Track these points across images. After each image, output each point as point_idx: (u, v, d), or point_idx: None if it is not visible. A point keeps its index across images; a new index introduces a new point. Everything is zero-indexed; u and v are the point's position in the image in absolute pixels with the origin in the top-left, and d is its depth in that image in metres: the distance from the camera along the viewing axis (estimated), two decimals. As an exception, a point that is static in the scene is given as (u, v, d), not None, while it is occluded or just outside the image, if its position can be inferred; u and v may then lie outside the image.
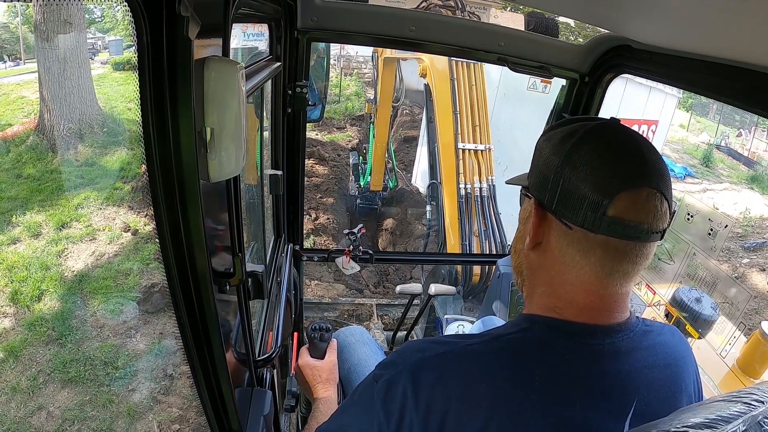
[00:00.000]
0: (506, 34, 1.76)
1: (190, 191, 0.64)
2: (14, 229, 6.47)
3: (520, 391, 0.69)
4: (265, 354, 1.26)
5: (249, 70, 1.17)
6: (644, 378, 0.73)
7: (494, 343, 0.74)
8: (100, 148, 8.46)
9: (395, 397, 0.73)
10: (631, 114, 6.93)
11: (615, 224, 0.68)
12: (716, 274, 3.17)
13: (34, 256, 6.01)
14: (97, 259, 6.06)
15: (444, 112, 4.27)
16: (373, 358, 1.59)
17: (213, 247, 0.76)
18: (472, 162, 4.29)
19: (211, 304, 0.75)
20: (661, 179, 0.70)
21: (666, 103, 7.89)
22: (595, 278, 0.72)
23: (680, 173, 12.80)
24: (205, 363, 0.82)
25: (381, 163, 7.58)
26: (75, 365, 4.50)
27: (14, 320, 5.07)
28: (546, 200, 0.74)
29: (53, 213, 6.78)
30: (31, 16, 11.27)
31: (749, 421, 0.59)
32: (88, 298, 5.40)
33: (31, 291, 5.42)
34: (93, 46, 9.71)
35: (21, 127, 9.13)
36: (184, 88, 0.59)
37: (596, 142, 0.72)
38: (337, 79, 15.86)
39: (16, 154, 8.28)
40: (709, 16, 0.77)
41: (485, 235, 4.22)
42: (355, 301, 5.07)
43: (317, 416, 1.25)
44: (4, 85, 13.76)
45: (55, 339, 4.81)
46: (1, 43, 23.83)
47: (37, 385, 4.29)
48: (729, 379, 2.85)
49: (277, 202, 1.95)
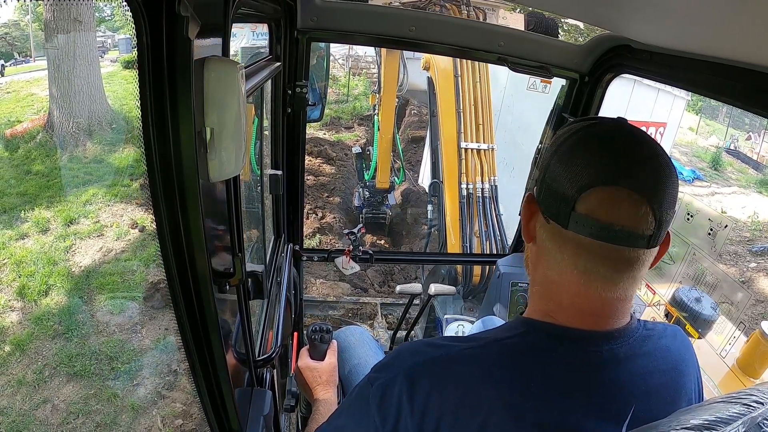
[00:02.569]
0: (506, 34, 1.76)
1: (190, 191, 0.64)
2: (23, 225, 6.56)
3: (517, 397, 0.69)
4: (264, 354, 1.26)
5: (249, 70, 1.17)
6: (643, 384, 0.72)
7: (491, 347, 0.74)
8: (109, 145, 8.54)
9: (390, 400, 0.73)
10: (639, 116, 6.80)
11: (583, 221, 0.66)
12: (722, 278, 3.16)
13: (41, 251, 6.09)
14: (104, 255, 6.13)
15: (447, 106, 4.19)
16: (374, 358, 1.59)
17: (213, 247, 0.76)
18: (474, 162, 4.23)
19: (211, 304, 0.75)
20: (645, 182, 0.65)
21: (674, 105, 7.75)
22: (571, 276, 0.70)
23: (689, 176, 12.72)
24: (205, 363, 0.82)
25: (387, 158, 7.13)
26: (80, 359, 4.56)
27: (21, 314, 5.16)
28: (537, 193, 0.74)
29: (61, 209, 6.86)
30: (41, 14, 11.39)
31: (748, 422, 0.59)
32: (95, 293, 5.47)
33: (39, 286, 5.49)
34: (103, 44, 9.82)
35: (30, 124, 9.28)
36: (184, 88, 0.59)
37: (584, 138, 0.71)
38: (345, 78, 15.84)
39: (26, 150, 8.40)
40: (709, 16, 0.76)
41: (486, 236, 4.21)
42: (360, 300, 5.08)
43: (317, 418, 1.24)
44: (14, 82, 14.06)
45: (61, 333, 4.88)
46: (12, 41, 24.02)
47: (42, 379, 4.35)
48: (729, 379, 2.85)
49: (277, 202, 1.95)
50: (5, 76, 17.02)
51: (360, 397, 0.80)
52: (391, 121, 6.80)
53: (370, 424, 0.75)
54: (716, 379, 2.86)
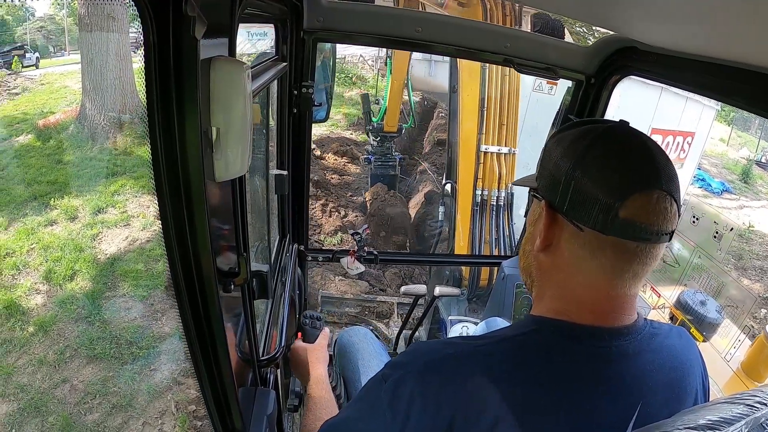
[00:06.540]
0: (512, 35, 1.76)
1: (196, 191, 0.64)
2: (52, 212, 6.72)
3: (528, 393, 0.70)
4: (268, 354, 1.26)
5: (255, 70, 1.17)
6: (650, 381, 0.74)
7: (502, 344, 0.75)
8: (139, 138, 8.71)
9: (402, 398, 0.74)
10: (666, 124, 6.57)
11: (626, 226, 0.69)
12: (746, 293, 3.13)
13: (69, 238, 6.25)
14: (129, 244, 6.25)
15: (469, 100, 3.81)
16: (377, 358, 1.59)
17: (218, 247, 0.76)
18: (493, 166, 3.94)
19: (216, 304, 0.75)
20: (671, 181, 0.71)
21: (703, 114, 7.43)
22: (604, 280, 0.73)
23: (717, 188, 12.46)
24: (209, 362, 0.83)
25: (397, 102, 7.09)
26: (101, 343, 4.69)
27: (46, 297, 5.31)
28: (557, 202, 0.74)
29: (90, 198, 7.03)
30: (76, 9, 11.62)
31: (751, 423, 0.59)
32: (118, 280, 5.61)
33: (65, 271, 5.65)
34: (136, 40, 10.02)
35: (63, 115, 9.52)
36: (191, 88, 0.59)
37: (607, 145, 0.73)
38: (374, 80, 15.69)
39: (57, 141, 8.65)
40: (715, 18, 0.76)
41: (495, 243, 4.06)
42: (377, 299, 5.14)
43: (312, 394, 1.25)
44: (49, 74, 14.51)
45: (84, 317, 5.01)
46: (47, 35, 24.37)
47: (63, 359, 4.50)
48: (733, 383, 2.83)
49: (282, 202, 1.95)
50: (40, 68, 17.46)
51: (372, 392, 0.81)
52: (405, 65, 6.73)
53: (380, 419, 0.76)
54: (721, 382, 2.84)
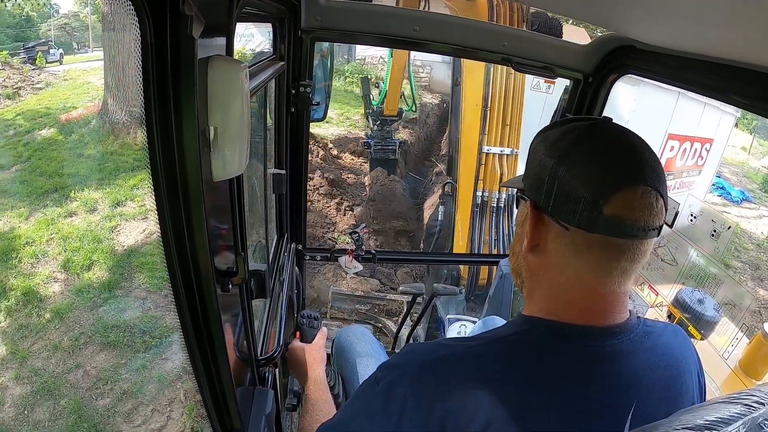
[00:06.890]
0: (510, 34, 1.76)
1: (194, 190, 0.64)
2: (72, 203, 6.84)
3: (521, 392, 0.69)
4: (267, 353, 1.26)
5: (253, 69, 1.17)
6: (644, 380, 0.73)
7: (495, 344, 0.75)
8: None
9: (395, 399, 0.74)
10: (683, 129, 6.47)
11: (612, 223, 0.68)
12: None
13: (88, 229, 6.36)
14: (147, 236, 6.32)
15: (472, 96, 3.73)
16: (375, 357, 1.59)
17: (216, 246, 0.76)
18: (494, 168, 3.89)
19: (214, 303, 0.75)
20: (655, 176, 0.70)
21: (722, 121, 7.35)
22: (592, 278, 0.72)
23: (737, 197, 12.31)
24: (207, 361, 0.82)
25: (397, 86, 7.11)
26: (115, 331, 4.77)
27: (63, 285, 5.42)
28: (542, 202, 0.74)
29: (110, 191, 7.12)
30: (99, 6, 11.60)
31: (749, 423, 0.59)
32: (135, 271, 5.69)
33: (82, 260, 5.75)
34: None
35: (85, 110, 9.62)
36: (188, 87, 0.59)
37: (590, 142, 0.73)
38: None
39: (79, 135, 8.78)
40: (714, 17, 0.76)
41: (494, 243, 4.06)
42: (387, 297, 5.14)
43: (310, 395, 1.26)
44: (72, 70, 14.75)
45: (99, 305, 5.11)
46: (71, 31, 24.37)
47: (77, 346, 4.60)
48: (731, 381, 2.84)
49: (280, 201, 1.95)
50: (63, 64, 17.68)
51: (365, 395, 0.81)
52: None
53: (374, 420, 0.76)
54: (718, 380, 2.85)
